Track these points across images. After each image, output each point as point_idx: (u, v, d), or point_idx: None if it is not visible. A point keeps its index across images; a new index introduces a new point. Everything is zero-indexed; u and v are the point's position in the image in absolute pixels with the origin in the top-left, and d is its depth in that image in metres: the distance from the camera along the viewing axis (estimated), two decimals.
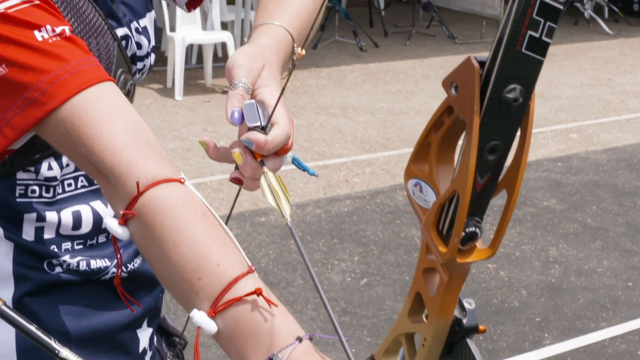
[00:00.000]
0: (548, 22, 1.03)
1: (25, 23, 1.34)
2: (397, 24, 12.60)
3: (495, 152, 1.07)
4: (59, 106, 1.32)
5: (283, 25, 1.57)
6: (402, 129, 8.09)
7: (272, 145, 1.35)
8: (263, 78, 1.43)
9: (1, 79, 1.32)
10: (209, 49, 9.16)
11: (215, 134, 7.65)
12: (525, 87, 1.05)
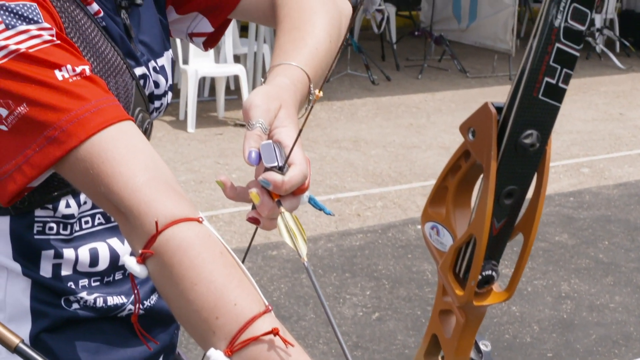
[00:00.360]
0: (565, 69, 1.05)
1: (46, 62, 1.36)
2: (409, 57, 12.64)
3: (511, 196, 1.09)
4: (79, 145, 1.33)
5: (300, 65, 1.59)
6: (414, 163, 8.10)
7: (289, 185, 1.36)
8: (280, 118, 1.44)
9: (22, 117, 1.34)
10: (221, 82, 9.20)
11: (227, 167, 7.67)
12: (541, 132, 1.07)
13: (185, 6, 1.86)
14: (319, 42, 1.67)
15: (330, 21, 1.74)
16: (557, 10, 0.99)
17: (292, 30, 1.69)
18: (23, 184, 1.37)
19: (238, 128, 8.93)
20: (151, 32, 1.75)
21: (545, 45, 1.00)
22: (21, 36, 1.36)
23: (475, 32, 12.26)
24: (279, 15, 1.76)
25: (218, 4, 1.85)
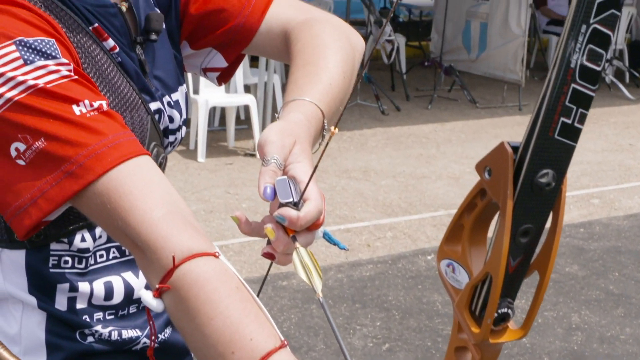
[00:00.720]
0: (580, 108, 1.06)
1: (64, 97, 1.37)
2: (418, 87, 12.66)
3: (527, 235, 1.09)
4: (96, 179, 1.35)
5: (314, 101, 1.60)
6: (424, 193, 8.10)
7: (304, 221, 1.37)
8: (294, 154, 1.46)
9: (40, 152, 1.35)
10: (231, 112, 9.23)
11: (237, 197, 7.68)
12: (557, 172, 1.08)
13: (199, 42, 1.88)
14: (332, 78, 1.69)
15: (343, 57, 1.76)
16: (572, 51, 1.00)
17: (306, 66, 1.71)
18: (39, 218, 1.38)
19: (248, 158, 8.95)
20: (166, 67, 1.77)
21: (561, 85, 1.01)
22: (39, 71, 1.38)
23: (485, 63, 12.29)
24: (293, 51, 1.78)
25: (232, 40, 1.87)
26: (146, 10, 1.73)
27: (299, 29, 1.83)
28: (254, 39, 1.86)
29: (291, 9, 1.88)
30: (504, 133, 10.60)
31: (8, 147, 1.37)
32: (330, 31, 1.81)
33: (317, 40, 1.78)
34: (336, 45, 1.77)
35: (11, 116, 1.36)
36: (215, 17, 1.85)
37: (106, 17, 1.62)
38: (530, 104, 12.06)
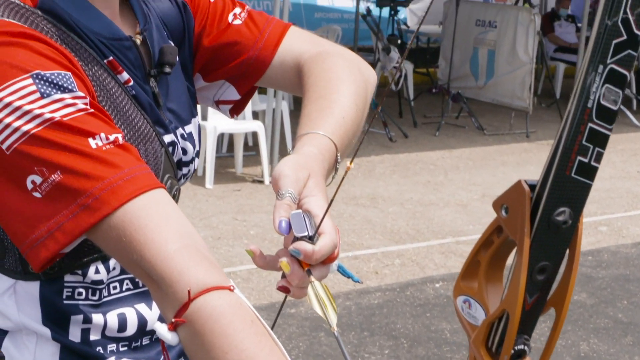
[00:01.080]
0: (597, 147, 1.06)
1: (80, 131, 1.38)
2: (426, 114, 12.68)
3: (544, 272, 1.10)
4: (112, 212, 1.36)
5: (327, 134, 1.61)
6: (432, 220, 8.10)
7: (319, 255, 1.38)
8: (309, 188, 1.46)
9: (56, 185, 1.36)
10: (240, 138, 9.25)
11: (245, 223, 7.68)
12: (574, 209, 1.08)
13: (212, 74, 1.90)
14: (345, 111, 1.70)
15: (356, 90, 1.77)
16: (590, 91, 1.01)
17: (319, 100, 1.72)
18: (55, 251, 1.39)
19: (256, 184, 8.96)
20: (179, 100, 1.78)
21: (579, 125, 1.02)
22: (56, 104, 1.38)
23: (493, 90, 12.30)
24: (306, 84, 1.79)
25: (245, 72, 1.88)
26: (160, 43, 1.74)
27: (311, 61, 1.84)
28: (266, 72, 1.88)
29: (304, 42, 1.90)
30: (512, 160, 10.60)
31: (24, 180, 1.37)
32: (343, 64, 1.83)
33: (329, 73, 1.79)
34: (349, 78, 1.79)
35: (28, 149, 1.36)
36: (228, 50, 1.87)
37: (121, 50, 1.63)
38: (537, 130, 12.08)
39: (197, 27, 1.86)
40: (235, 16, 1.88)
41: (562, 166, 1.06)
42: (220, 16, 1.87)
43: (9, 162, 1.37)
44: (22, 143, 1.36)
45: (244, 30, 1.88)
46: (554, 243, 1.08)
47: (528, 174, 9.79)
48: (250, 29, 1.88)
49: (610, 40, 1.01)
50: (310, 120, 1.66)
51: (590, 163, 1.06)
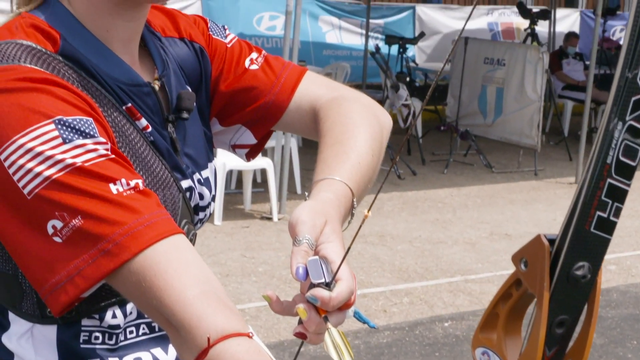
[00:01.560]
0: (616, 203, 1.07)
1: (102, 176, 1.40)
2: (434, 152, 12.69)
3: (563, 325, 1.11)
4: (132, 258, 1.37)
5: (343, 180, 1.63)
6: (440, 259, 8.09)
7: (336, 302, 1.39)
8: (326, 234, 1.48)
9: (76, 230, 1.37)
10: (248, 175, 9.26)
11: (254, 260, 7.68)
12: (593, 264, 1.09)
13: (229, 119, 1.91)
14: (361, 156, 1.71)
15: (372, 135, 1.78)
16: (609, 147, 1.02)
17: (335, 145, 1.73)
18: (75, 296, 1.40)
19: (264, 221, 8.96)
20: (196, 145, 1.80)
21: (598, 181, 1.03)
22: (77, 150, 1.40)
23: (501, 127, 12.32)
24: (322, 129, 1.80)
25: (262, 117, 1.89)
26: (177, 88, 1.76)
27: (327, 106, 1.86)
28: (283, 116, 1.89)
29: (320, 87, 1.91)
30: (520, 198, 10.60)
31: (45, 225, 1.39)
32: (359, 109, 1.84)
33: (345, 118, 1.80)
34: (365, 123, 1.80)
35: (49, 194, 1.38)
36: (245, 95, 1.88)
37: (139, 96, 1.65)
38: (546, 168, 12.08)
39: (215, 71, 1.88)
40: (252, 61, 1.90)
41: (582, 221, 1.07)
42: (237, 61, 1.89)
43: (30, 207, 1.39)
44: (43, 188, 1.38)
45: (261, 75, 1.89)
46: (573, 297, 1.09)
47: (536, 212, 9.80)
48: (267, 73, 1.90)
49: (629, 97, 1.03)
50: (327, 165, 1.67)
51: (610, 218, 1.07)
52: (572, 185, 11.32)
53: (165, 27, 1.83)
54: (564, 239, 1.09)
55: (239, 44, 1.92)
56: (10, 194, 1.40)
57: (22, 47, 1.50)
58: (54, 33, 1.55)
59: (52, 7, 1.60)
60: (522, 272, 1.13)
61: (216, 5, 14.21)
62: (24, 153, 1.38)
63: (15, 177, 1.39)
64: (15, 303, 1.60)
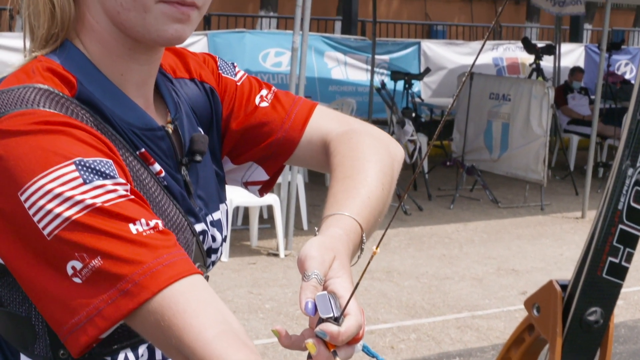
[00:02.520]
0: (627, 248, 1.08)
1: (121, 216, 1.41)
2: (440, 187, 12.69)
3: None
4: (151, 297, 1.38)
5: (352, 215, 1.65)
6: (447, 295, 8.07)
7: (345, 336, 1.40)
8: (334, 269, 1.49)
9: (96, 270, 1.38)
10: (255, 211, 9.26)
11: (261, 297, 7.67)
12: (605, 309, 1.09)
13: (241, 157, 1.93)
14: (371, 191, 1.73)
15: (382, 169, 1.80)
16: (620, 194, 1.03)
17: (345, 180, 1.75)
18: (95, 336, 1.41)
19: (271, 257, 8.95)
20: (208, 186, 1.81)
21: (609, 227, 1.04)
22: (97, 190, 1.41)
23: (507, 163, 12.33)
24: (333, 163, 1.82)
25: (273, 153, 1.91)
26: (190, 131, 1.77)
27: (338, 140, 1.87)
28: (295, 152, 1.91)
29: (330, 121, 1.93)
30: (527, 233, 10.59)
31: (65, 266, 1.39)
32: (369, 143, 1.86)
33: (356, 152, 1.82)
34: (375, 157, 1.81)
35: (69, 235, 1.39)
36: (256, 132, 1.90)
37: (153, 140, 1.66)
38: (552, 203, 12.07)
39: (225, 110, 1.89)
40: (262, 98, 1.92)
41: (594, 267, 1.07)
42: (247, 99, 1.91)
43: (49, 248, 1.40)
44: (63, 229, 1.39)
45: (271, 112, 1.91)
46: (585, 342, 1.09)
47: (543, 248, 9.78)
48: (277, 110, 1.91)
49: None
50: (337, 200, 1.69)
51: (621, 263, 1.07)
52: (579, 220, 11.31)
53: (176, 67, 1.85)
54: (576, 284, 1.09)
55: (248, 81, 1.94)
56: (30, 235, 1.41)
57: (40, 91, 1.51)
58: (70, 77, 1.57)
59: (68, 50, 1.62)
60: (535, 317, 1.13)
61: (222, 42, 14.26)
62: (44, 194, 1.40)
63: (35, 218, 1.40)
64: (27, 345, 1.60)
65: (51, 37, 1.62)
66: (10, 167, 1.42)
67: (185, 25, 1.61)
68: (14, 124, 1.45)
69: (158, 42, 1.62)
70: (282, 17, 20.02)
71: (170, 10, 1.58)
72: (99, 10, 1.62)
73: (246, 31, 15.44)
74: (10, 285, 1.54)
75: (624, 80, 16.70)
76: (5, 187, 1.43)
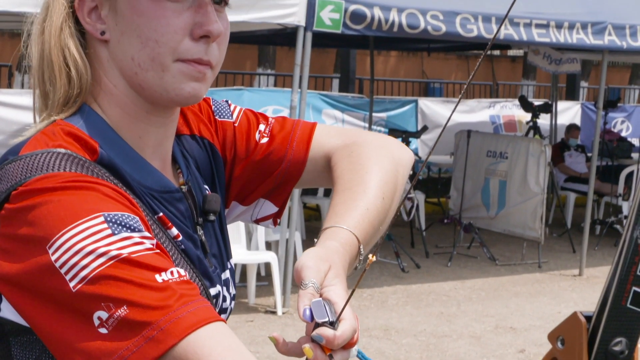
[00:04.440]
0: None
1: (148, 267, 1.42)
2: (438, 244, 12.68)
3: None
4: (177, 343, 1.38)
5: (349, 228, 1.69)
6: (445, 353, 8.02)
7: (341, 340, 1.44)
8: (329, 278, 1.54)
9: (122, 320, 1.38)
10: (252, 269, 9.23)
11: (259, 355, 7.61)
12: (630, 339, 1.06)
13: (249, 197, 1.97)
14: (369, 203, 1.76)
15: (383, 178, 1.83)
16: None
17: (345, 192, 1.79)
18: None
19: (269, 315, 8.91)
20: (219, 244, 1.85)
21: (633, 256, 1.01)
22: (124, 242, 1.43)
23: (504, 220, 12.33)
24: (334, 176, 1.87)
25: (280, 183, 1.96)
26: (200, 190, 1.82)
27: (339, 155, 1.91)
28: (301, 177, 1.95)
29: (332, 137, 1.97)
30: (524, 291, 10.55)
31: (91, 317, 1.39)
32: (370, 153, 1.89)
33: (355, 165, 1.86)
34: (376, 167, 1.84)
35: (95, 286, 1.39)
36: (261, 169, 1.94)
37: (171, 203, 1.70)
38: (549, 261, 12.04)
39: (228, 156, 1.94)
40: (262, 134, 1.95)
41: (618, 297, 1.04)
42: (247, 138, 1.94)
43: (76, 299, 1.40)
44: (89, 280, 1.39)
45: (272, 145, 1.94)
46: None
47: (541, 305, 9.73)
48: (278, 141, 1.95)
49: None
50: (335, 213, 1.74)
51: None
52: (576, 277, 11.28)
53: (178, 124, 1.86)
54: (601, 315, 1.06)
55: (246, 118, 1.97)
56: (56, 287, 1.41)
57: (63, 156, 1.53)
58: (92, 142, 1.59)
59: (87, 114, 1.65)
60: (559, 349, 1.10)
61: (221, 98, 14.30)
62: (71, 246, 1.41)
63: (62, 270, 1.40)
64: None
65: (68, 101, 1.64)
66: (38, 223, 1.44)
67: (201, 84, 1.66)
68: (41, 184, 1.47)
69: (176, 101, 1.66)
70: (280, 74, 20.17)
71: (187, 69, 1.63)
72: (116, 73, 1.66)
73: (244, 89, 15.55)
74: (24, 344, 1.54)
75: (621, 138, 16.78)
76: (34, 242, 1.44)
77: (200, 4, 1.64)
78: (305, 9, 8.61)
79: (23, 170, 1.49)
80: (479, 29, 9.54)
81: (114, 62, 1.66)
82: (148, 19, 1.61)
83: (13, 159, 1.53)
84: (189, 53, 1.63)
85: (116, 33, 1.64)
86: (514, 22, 9.79)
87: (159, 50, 1.61)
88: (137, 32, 1.61)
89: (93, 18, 1.66)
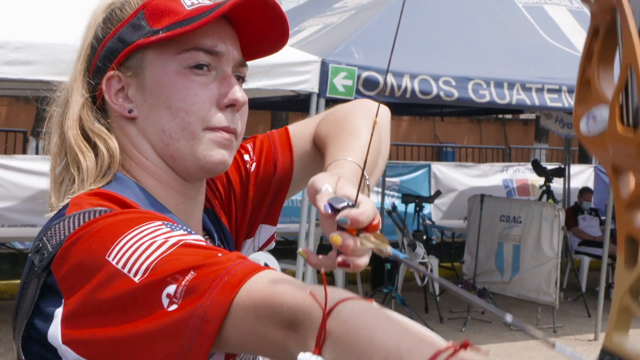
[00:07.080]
0: None
1: (209, 247, 1.48)
2: (452, 309, 12.62)
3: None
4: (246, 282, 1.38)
5: (348, 158, 1.75)
6: None
7: (364, 216, 1.42)
8: (340, 185, 1.55)
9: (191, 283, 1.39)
10: None
11: None
12: None
13: (253, 228, 2.04)
14: (362, 141, 1.83)
15: (366, 123, 1.90)
16: None
17: (335, 140, 1.87)
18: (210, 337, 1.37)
19: None
20: None
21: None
22: (184, 235, 1.48)
23: (519, 285, 12.27)
24: (322, 140, 1.95)
25: (274, 198, 2.04)
26: None
27: (319, 126, 2.01)
28: (292, 179, 2.04)
29: (307, 127, 2.07)
30: (539, 356, 10.48)
31: (160, 299, 1.40)
32: (346, 110, 2.00)
33: (338, 121, 1.95)
34: (356, 117, 1.94)
35: (159, 270, 1.41)
36: (258, 195, 2.02)
37: None
38: (564, 325, 11.97)
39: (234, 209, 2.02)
40: (249, 163, 2.03)
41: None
42: (245, 177, 2.03)
43: (140, 292, 1.41)
44: (152, 268, 1.41)
45: (260, 166, 2.03)
46: None
47: None
48: (264, 160, 2.03)
49: None
50: (332, 156, 1.80)
51: None
52: (592, 342, 11.21)
53: None
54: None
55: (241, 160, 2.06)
56: (120, 291, 1.42)
57: (107, 211, 1.57)
58: (133, 203, 1.64)
59: (124, 182, 1.72)
60: None
61: None
62: (131, 245, 1.44)
63: (125, 270, 1.42)
64: None
65: (100, 172, 1.71)
66: (92, 242, 1.48)
67: (228, 151, 1.75)
68: (86, 223, 1.52)
69: (206, 168, 1.73)
70: None
71: (216, 137, 1.72)
72: (146, 146, 1.74)
73: None
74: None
75: None
76: (91, 260, 1.47)
77: (224, 75, 1.74)
78: (318, 76, 8.67)
79: (71, 224, 1.54)
80: (491, 95, 9.58)
81: (144, 137, 1.73)
82: (177, 90, 1.69)
83: (60, 219, 1.58)
84: (217, 121, 1.72)
85: (144, 109, 1.72)
86: (526, 87, 9.81)
87: (189, 120, 1.70)
88: (167, 104, 1.70)
89: (120, 99, 1.74)
